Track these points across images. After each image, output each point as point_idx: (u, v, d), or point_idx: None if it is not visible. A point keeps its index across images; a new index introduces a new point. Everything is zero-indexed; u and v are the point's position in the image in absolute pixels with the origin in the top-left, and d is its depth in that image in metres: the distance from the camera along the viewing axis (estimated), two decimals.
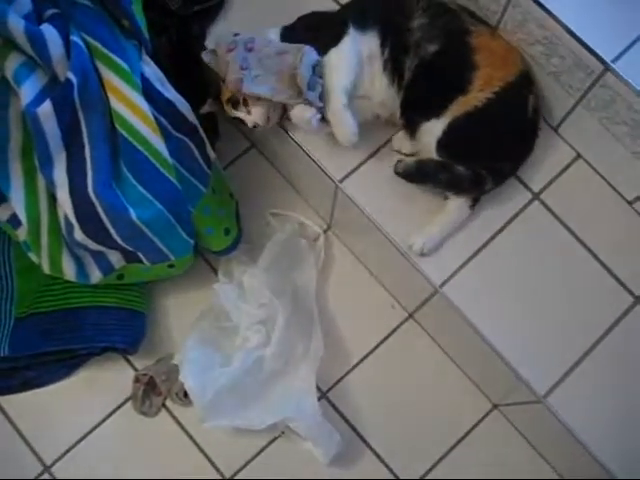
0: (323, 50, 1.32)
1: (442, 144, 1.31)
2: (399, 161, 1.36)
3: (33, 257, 1.38)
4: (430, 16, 1.32)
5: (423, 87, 1.32)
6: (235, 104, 1.35)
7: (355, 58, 1.31)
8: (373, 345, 1.59)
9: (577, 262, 1.37)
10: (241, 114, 1.35)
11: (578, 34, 1.24)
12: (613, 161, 1.37)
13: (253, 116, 1.34)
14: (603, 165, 1.40)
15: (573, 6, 1.26)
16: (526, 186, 1.40)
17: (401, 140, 1.42)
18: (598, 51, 1.23)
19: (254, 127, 1.35)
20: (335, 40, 1.32)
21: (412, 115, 1.35)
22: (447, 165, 1.32)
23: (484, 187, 1.35)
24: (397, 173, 1.35)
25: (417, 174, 1.35)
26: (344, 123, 1.31)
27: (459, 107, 1.29)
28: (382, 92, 1.35)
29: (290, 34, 1.37)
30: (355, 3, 1.42)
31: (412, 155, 1.41)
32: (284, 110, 1.38)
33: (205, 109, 1.42)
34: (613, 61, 1.23)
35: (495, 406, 1.56)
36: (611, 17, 1.28)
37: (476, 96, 1.29)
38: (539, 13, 1.26)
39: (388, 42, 1.33)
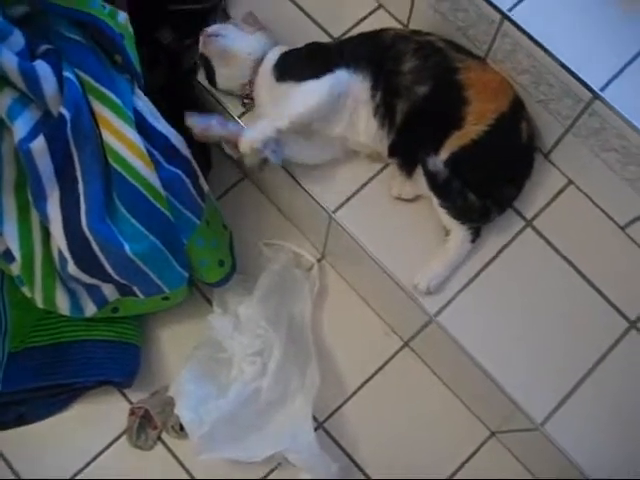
0: (300, 79, 1.33)
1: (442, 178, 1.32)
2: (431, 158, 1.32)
3: (26, 291, 1.38)
4: (420, 58, 1.33)
5: (416, 128, 1.33)
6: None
7: (328, 100, 1.32)
8: (369, 374, 1.58)
9: (571, 288, 1.37)
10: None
11: (566, 63, 1.25)
12: (604, 187, 1.38)
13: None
14: (595, 191, 1.41)
15: (561, 35, 1.27)
16: (519, 213, 1.41)
17: (400, 186, 1.41)
18: (586, 80, 1.24)
19: None
20: (317, 74, 1.33)
21: (407, 155, 1.36)
22: (464, 192, 1.32)
23: (490, 218, 1.36)
24: (426, 170, 1.31)
25: (442, 185, 1.32)
26: (258, 128, 1.30)
27: (455, 141, 1.30)
28: (367, 135, 1.37)
29: (280, 61, 1.39)
30: (345, 47, 1.42)
31: (413, 200, 1.41)
32: None
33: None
34: (601, 89, 1.24)
35: (493, 434, 1.55)
36: (599, 45, 1.30)
37: (471, 130, 1.30)
38: (527, 43, 1.28)
39: (380, 86, 1.34)
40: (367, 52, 1.37)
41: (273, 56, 1.40)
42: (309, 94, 1.32)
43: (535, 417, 1.29)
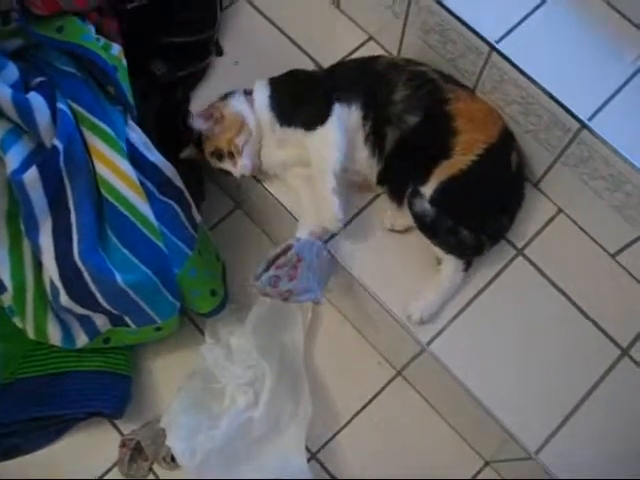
0: (308, 127, 1.33)
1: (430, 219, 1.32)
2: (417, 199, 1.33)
3: (18, 322, 1.37)
4: (411, 87, 1.35)
5: (405, 157, 1.34)
6: (220, 157, 1.37)
7: (343, 138, 1.33)
8: (362, 404, 1.57)
9: (563, 316, 1.37)
10: (227, 166, 1.37)
11: (553, 93, 1.27)
12: (594, 215, 1.39)
13: (239, 168, 1.36)
14: (584, 219, 1.42)
15: (548, 66, 1.29)
16: (510, 242, 1.42)
17: (392, 218, 1.41)
18: (574, 110, 1.26)
19: (242, 176, 1.37)
20: (321, 118, 1.33)
21: (396, 184, 1.37)
22: (456, 229, 1.32)
23: (483, 251, 1.37)
24: (413, 212, 1.32)
25: (431, 225, 1.33)
26: (329, 206, 1.31)
27: (444, 171, 1.31)
28: (361, 162, 1.37)
29: (275, 101, 1.38)
30: (339, 74, 1.43)
31: (406, 231, 1.41)
32: None
33: (185, 154, 1.43)
34: (589, 119, 1.26)
35: (487, 463, 1.54)
36: (586, 76, 1.32)
37: (460, 159, 1.31)
38: (515, 74, 1.30)
39: (371, 115, 1.35)
40: (360, 80, 1.39)
41: (262, 94, 1.39)
42: (326, 144, 1.32)
43: (529, 446, 1.28)
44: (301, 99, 1.37)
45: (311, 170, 1.34)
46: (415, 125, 1.33)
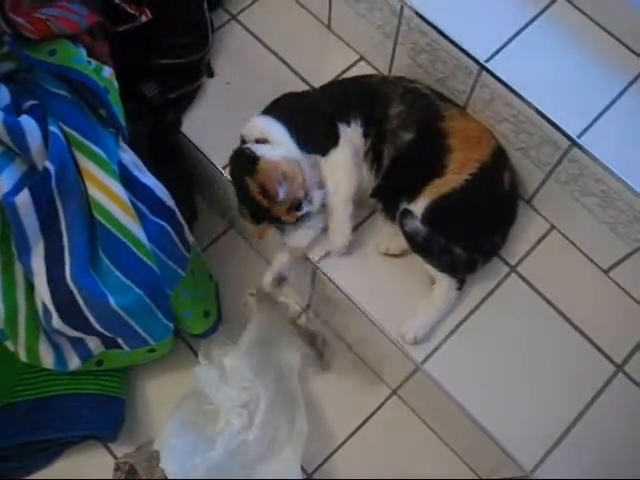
0: (322, 153, 1.34)
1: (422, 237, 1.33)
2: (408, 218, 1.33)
3: (10, 345, 1.36)
4: (406, 103, 1.35)
5: (399, 174, 1.35)
6: (298, 206, 1.32)
7: (354, 160, 1.34)
8: (357, 424, 1.57)
9: (557, 333, 1.37)
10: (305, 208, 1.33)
11: (544, 111, 1.28)
12: (586, 231, 1.40)
13: (318, 199, 1.33)
14: (577, 235, 1.43)
15: (538, 84, 1.31)
16: (503, 259, 1.42)
17: (387, 242, 1.41)
18: (564, 127, 1.27)
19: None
20: (333, 140, 1.34)
21: (389, 201, 1.38)
22: (449, 247, 1.33)
23: (476, 269, 1.37)
24: (404, 231, 1.33)
25: (423, 244, 1.33)
26: (344, 232, 1.34)
27: (436, 189, 1.31)
28: (362, 179, 1.37)
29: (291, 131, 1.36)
30: (334, 93, 1.44)
31: (401, 255, 1.41)
32: None
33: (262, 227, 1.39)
34: (579, 136, 1.27)
35: None
36: (575, 94, 1.33)
37: (452, 178, 1.31)
38: (505, 92, 1.31)
39: (370, 132, 1.36)
40: (357, 97, 1.39)
41: (277, 129, 1.36)
42: (342, 169, 1.33)
43: (525, 465, 1.28)
44: (309, 124, 1.37)
45: (328, 196, 1.34)
46: (409, 142, 1.34)
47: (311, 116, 1.38)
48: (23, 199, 1.18)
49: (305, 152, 1.34)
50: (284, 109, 1.40)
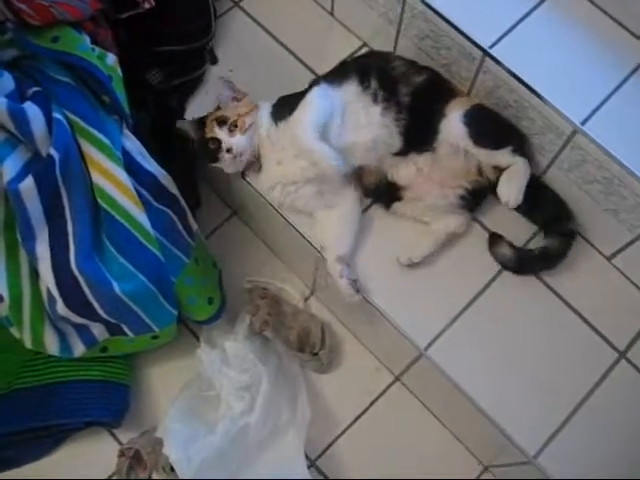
0: (289, 112, 1.35)
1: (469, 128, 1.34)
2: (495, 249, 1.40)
3: (15, 332, 1.36)
4: (408, 64, 1.40)
5: (425, 102, 1.36)
6: (221, 123, 1.36)
7: (326, 102, 1.33)
8: (361, 410, 1.57)
9: (560, 319, 1.38)
10: (222, 135, 1.35)
11: (547, 98, 1.28)
12: (589, 218, 1.40)
13: (235, 140, 1.35)
14: (580, 223, 1.43)
15: (541, 71, 1.30)
16: None
17: (409, 251, 1.40)
18: (567, 113, 1.27)
19: (227, 151, 1.35)
20: (306, 91, 1.37)
21: (424, 130, 1.37)
22: (545, 254, 1.38)
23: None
24: (500, 262, 1.40)
25: (517, 265, 1.39)
26: (322, 154, 1.30)
27: (460, 104, 1.37)
28: (375, 125, 1.35)
29: (274, 107, 1.40)
30: (333, 70, 1.45)
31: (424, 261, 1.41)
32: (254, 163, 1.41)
33: (179, 124, 1.44)
34: (582, 123, 1.27)
35: (486, 468, 1.54)
36: (578, 80, 1.33)
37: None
38: (508, 79, 1.31)
39: (371, 77, 1.36)
40: (352, 64, 1.43)
41: (266, 111, 1.40)
42: (308, 103, 1.34)
43: (528, 450, 1.28)
44: (295, 100, 1.37)
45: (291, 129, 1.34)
46: (422, 81, 1.37)
47: (295, 94, 1.40)
48: (27, 186, 1.18)
49: (277, 120, 1.37)
50: (280, 99, 1.42)
